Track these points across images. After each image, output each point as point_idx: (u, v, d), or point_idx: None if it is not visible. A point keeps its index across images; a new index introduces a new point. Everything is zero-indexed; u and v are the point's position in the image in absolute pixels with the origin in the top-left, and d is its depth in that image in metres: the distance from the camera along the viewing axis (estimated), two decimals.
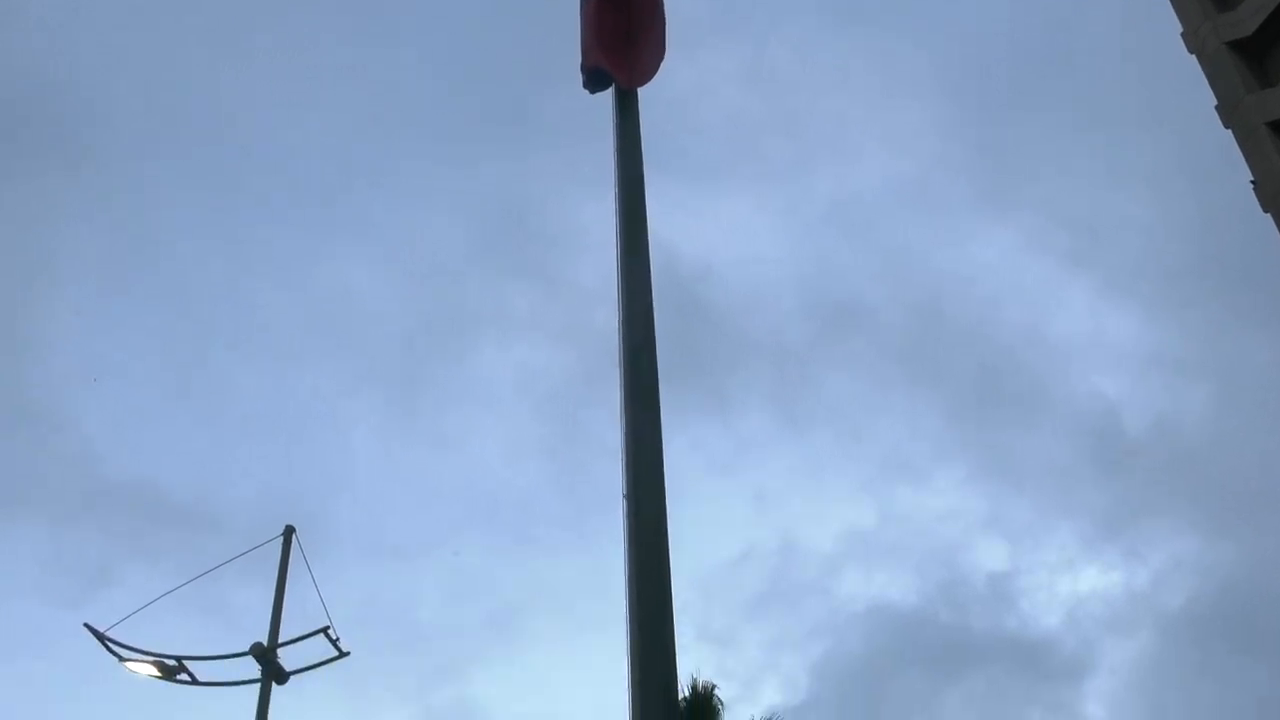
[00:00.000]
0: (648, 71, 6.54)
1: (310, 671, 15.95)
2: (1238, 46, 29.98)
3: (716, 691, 33.00)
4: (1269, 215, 27.94)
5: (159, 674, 15.93)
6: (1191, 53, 31.09)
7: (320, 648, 16.00)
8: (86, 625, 16.33)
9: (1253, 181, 28.51)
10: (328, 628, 16.15)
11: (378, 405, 69.42)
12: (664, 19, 6.80)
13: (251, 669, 15.79)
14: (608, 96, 6.50)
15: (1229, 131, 29.48)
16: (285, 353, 66.52)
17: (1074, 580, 68.54)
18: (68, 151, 65.10)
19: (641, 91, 6.49)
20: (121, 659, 16.07)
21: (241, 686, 15.84)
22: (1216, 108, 29.93)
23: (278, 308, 68.75)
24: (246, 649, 15.98)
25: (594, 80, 6.62)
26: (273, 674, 15.83)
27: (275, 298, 69.33)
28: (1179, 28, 31.71)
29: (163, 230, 67.79)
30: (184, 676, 15.90)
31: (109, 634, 16.16)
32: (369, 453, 65.01)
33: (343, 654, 16.14)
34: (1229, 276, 68.66)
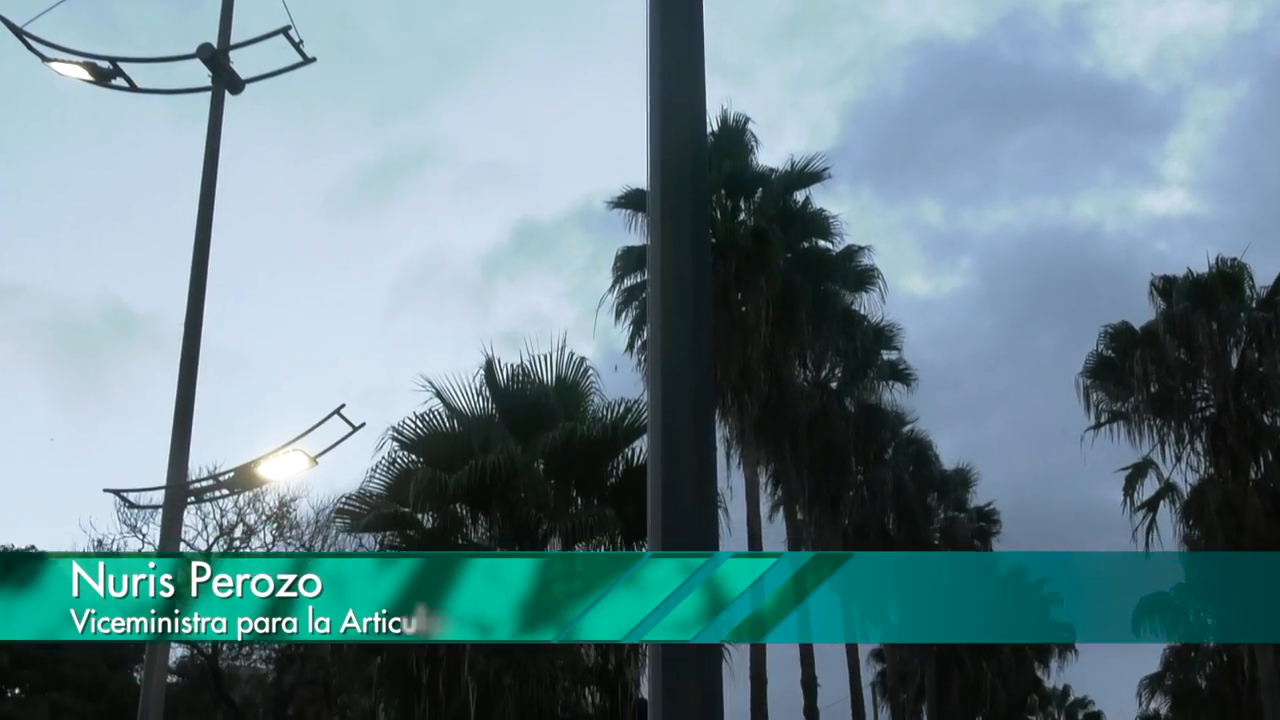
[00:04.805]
0: None
1: (266, 85, 13.33)
2: None
3: (750, 125, 30.36)
4: None
5: (91, 78, 13.29)
6: None
7: (278, 55, 13.25)
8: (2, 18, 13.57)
9: None
10: (289, 27, 13.34)
11: None
12: None
13: (199, 76, 13.20)
14: None
15: None
16: None
17: (1165, 13, 61.93)
18: None
19: None
20: (45, 59, 13.39)
21: (190, 97, 13.36)
22: None
23: None
24: (193, 51, 13.33)
25: None
26: (226, 81, 13.25)
27: None
28: None
29: None
30: (120, 82, 13.32)
31: (28, 30, 13.43)
32: None
33: (308, 59, 13.41)
34: None
